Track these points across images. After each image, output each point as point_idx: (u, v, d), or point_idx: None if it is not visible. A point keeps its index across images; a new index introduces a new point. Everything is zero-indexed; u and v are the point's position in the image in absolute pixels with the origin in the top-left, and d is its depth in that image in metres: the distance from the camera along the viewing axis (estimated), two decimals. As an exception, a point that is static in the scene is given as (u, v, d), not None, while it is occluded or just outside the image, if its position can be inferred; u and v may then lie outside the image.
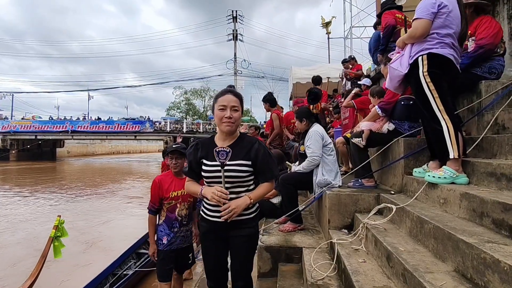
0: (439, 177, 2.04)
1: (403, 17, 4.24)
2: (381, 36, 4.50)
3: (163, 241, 2.66)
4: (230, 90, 1.76)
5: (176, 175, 2.71)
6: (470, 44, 2.71)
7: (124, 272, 4.16)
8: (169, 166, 2.72)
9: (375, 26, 5.52)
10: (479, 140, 2.21)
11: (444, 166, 2.08)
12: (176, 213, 2.66)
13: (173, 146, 2.73)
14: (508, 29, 3.15)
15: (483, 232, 1.48)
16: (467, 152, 2.25)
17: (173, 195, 2.66)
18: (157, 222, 2.73)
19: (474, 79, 2.69)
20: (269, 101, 5.72)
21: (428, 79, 2.09)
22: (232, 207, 1.61)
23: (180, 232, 2.69)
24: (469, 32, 2.69)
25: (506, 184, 1.73)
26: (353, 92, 4.71)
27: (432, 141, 2.25)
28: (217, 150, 1.66)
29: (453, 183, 2.01)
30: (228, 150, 1.66)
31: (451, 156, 2.02)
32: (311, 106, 5.04)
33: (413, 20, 2.22)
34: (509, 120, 2.33)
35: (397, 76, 2.35)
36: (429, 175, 2.12)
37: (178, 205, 2.66)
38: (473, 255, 1.31)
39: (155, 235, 2.69)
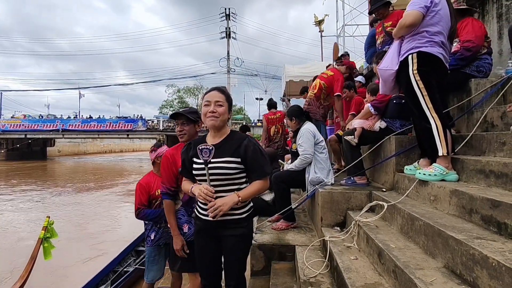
0: (429, 174, 2.06)
1: None
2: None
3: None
4: (216, 87, 1.77)
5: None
6: (454, 45, 2.74)
7: (125, 269, 4.23)
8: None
9: (371, 24, 5.52)
10: (468, 137, 2.24)
11: (434, 164, 2.10)
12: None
13: (180, 110, 2.39)
14: (497, 28, 3.20)
15: (472, 229, 1.50)
16: (456, 150, 2.28)
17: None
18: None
19: (463, 77, 2.73)
20: (268, 106, 6.14)
21: (418, 77, 2.11)
22: (218, 205, 1.59)
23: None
24: None
25: (494, 181, 1.75)
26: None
27: (422, 139, 2.26)
28: (200, 148, 1.65)
29: (443, 180, 2.03)
30: (211, 148, 1.64)
31: (440, 154, 2.05)
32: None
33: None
34: (498, 118, 2.37)
35: (390, 75, 2.36)
36: (419, 173, 2.14)
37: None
38: (462, 251, 1.33)
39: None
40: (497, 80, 2.62)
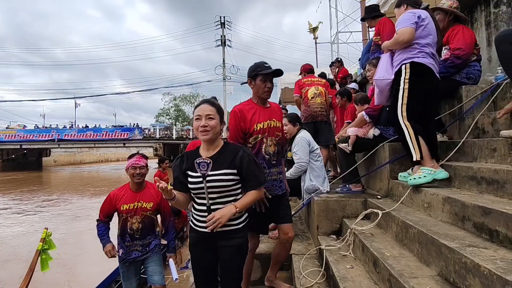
0: (419, 178, 2.12)
1: None
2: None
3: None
4: (206, 100, 1.78)
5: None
6: (445, 53, 2.80)
7: None
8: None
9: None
10: (460, 144, 2.27)
11: (421, 167, 2.17)
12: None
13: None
14: (486, 35, 3.26)
15: (465, 236, 1.52)
16: (448, 156, 2.30)
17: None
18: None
19: (453, 85, 2.77)
20: None
21: (406, 86, 2.21)
22: (216, 217, 1.59)
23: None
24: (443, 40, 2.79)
25: (486, 187, 1.77)
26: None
27: (402, 146, 2.36)
28: (197, 161, 1.66)
29: (434, 179, 2.09)
30: (208, 161, 1.65)
31: (414, 159, 2.18)
32: None
33: (396, 33, 2.30)
34: (489, 124, 2.40)
35: (387, 85, 2.42)
36: (410, 179, 2.18)
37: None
38: (455, 259, 1.34)
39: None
40: (487, 86, 2.66)
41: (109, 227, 2.77)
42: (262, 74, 2.16)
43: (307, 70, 4.65)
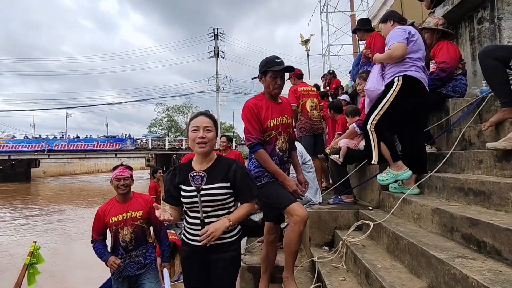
0: (382, 179, 2.40)
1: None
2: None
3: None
4: (203, 112, 1.78)
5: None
6: (431, 66, 2.90)
7: None
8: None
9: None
10: (448, 155, 2.32)
11: (387, 169, 2.41)
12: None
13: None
14: (470, 50, 3.38)
15: (454, 247, 1.54)
16: (437, 167, 2.35)
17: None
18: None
19: (439, 97, 2.85)
20: None
21: (391, 99, 2.28)
22: (210, 231, 1.58)
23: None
24: None
25: (473, 198, 1.81)
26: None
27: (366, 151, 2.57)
28: (192, 175, 1.66)
29: (396, 180, 2.39)
30: (203, 175, 1.65)
31: (372, 162, 2.41)
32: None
33: (388, 48, 2.37)
34: (475, 136, 2.46)
35: (377, 95, 2.49)
36: (378, 179, 2.44)
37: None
38: (444, 270, 1.36)
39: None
40: (473, 99, 2.74)
41: (106, 244, 2.67)
42: (272, 71, 2.12)
43: (297, 75, 4.59)
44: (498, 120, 2.13)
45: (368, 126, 2.38)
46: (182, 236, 1.85)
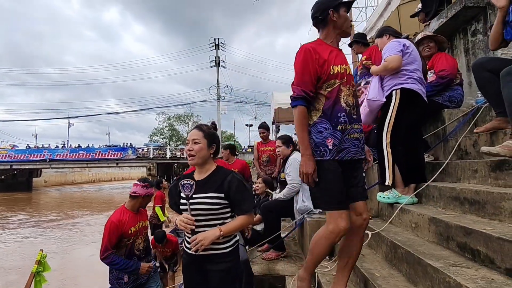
0: (383, 197, 2.39)
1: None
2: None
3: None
4: (197, 125, 1.85)
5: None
6: (430, 76, 2.96)
7: None
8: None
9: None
10: (444, 165, 2.37)
11: (392, 189, 2.37)
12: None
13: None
14: (465, 61, 3.45)
15: (449, 256, 1.58)
16: (434, 177, 2.39)
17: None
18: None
19: (434, 107, 2.91)
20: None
21: (394, 114, 2.31)
22: (199, 239, 1.61)
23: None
24: (427, 66, 2.97)
25: (468, 208, 1.85)
26: None
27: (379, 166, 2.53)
28: (182, 183, 1.70)
29: (396, 202, 2.37)
30: (192, 183, 1.69)
31: (386, 183, 2.34)
32: None
33: (384, 60, 2.44)
34: (471, 146, 2.51)
35: (378, 106, 2.54)
36: (379, 195, 2.41)
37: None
38: (439, 279, 1.39)
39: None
40: (468, 109, 2.80)
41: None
42: (347, 3, 1.79)
43: None
44: (492, 128, 2.19)
45: (384, 146, 2.35)
46: (183, 244, 1.89)
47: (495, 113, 2.30)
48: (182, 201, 1.74)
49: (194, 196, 1.69)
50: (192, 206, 1.68)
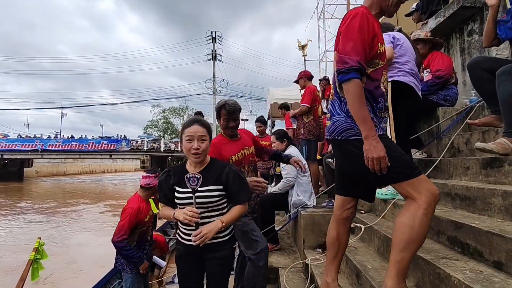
0: (381, 194, 2.41)
1: None
2: None
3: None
4: (196, 120, 1.78)
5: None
6: (426, 75, 3.01)
7: None
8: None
9: None
10: (437, 162, 2.42)
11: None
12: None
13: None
14: (461, 61, 3.50)
15: (440, 249, 1.62)
16: (426, 173, 2.44)
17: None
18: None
19: (429, 105, 2.96)
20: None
21: (390, 107, 2.32)
22: (203, 233, 1.62)
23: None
24: (424, 64, 3.01)
25: (459, 203, 1.90)
26: None
27: None
28: (188, 176, 1.70)
29: (393, 198, 2.35)
30: (199, 176, 1.70)
31: None
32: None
33: None
34: (463, 144, 2.56)
35: None
36: (378, 192, 2.41)
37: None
38: (429, 270, 1.44)
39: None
40: (462, 108, 2.85)
41: None
42: None
43: (308, 76, 4.43)
44: (485, 122, 2.25)
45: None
46: (177, 235, 1.90)
47: (490, 111, 2.35)
48: (180, 195, 1.72)
49: (199, 189, 1.69)
50: (196, 200, 1.69)
